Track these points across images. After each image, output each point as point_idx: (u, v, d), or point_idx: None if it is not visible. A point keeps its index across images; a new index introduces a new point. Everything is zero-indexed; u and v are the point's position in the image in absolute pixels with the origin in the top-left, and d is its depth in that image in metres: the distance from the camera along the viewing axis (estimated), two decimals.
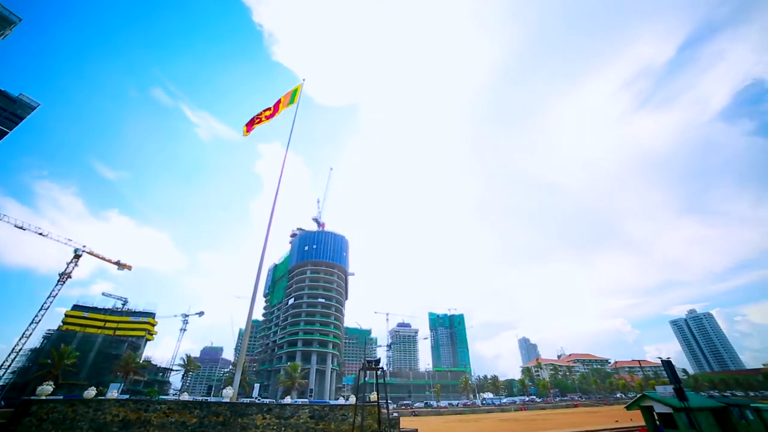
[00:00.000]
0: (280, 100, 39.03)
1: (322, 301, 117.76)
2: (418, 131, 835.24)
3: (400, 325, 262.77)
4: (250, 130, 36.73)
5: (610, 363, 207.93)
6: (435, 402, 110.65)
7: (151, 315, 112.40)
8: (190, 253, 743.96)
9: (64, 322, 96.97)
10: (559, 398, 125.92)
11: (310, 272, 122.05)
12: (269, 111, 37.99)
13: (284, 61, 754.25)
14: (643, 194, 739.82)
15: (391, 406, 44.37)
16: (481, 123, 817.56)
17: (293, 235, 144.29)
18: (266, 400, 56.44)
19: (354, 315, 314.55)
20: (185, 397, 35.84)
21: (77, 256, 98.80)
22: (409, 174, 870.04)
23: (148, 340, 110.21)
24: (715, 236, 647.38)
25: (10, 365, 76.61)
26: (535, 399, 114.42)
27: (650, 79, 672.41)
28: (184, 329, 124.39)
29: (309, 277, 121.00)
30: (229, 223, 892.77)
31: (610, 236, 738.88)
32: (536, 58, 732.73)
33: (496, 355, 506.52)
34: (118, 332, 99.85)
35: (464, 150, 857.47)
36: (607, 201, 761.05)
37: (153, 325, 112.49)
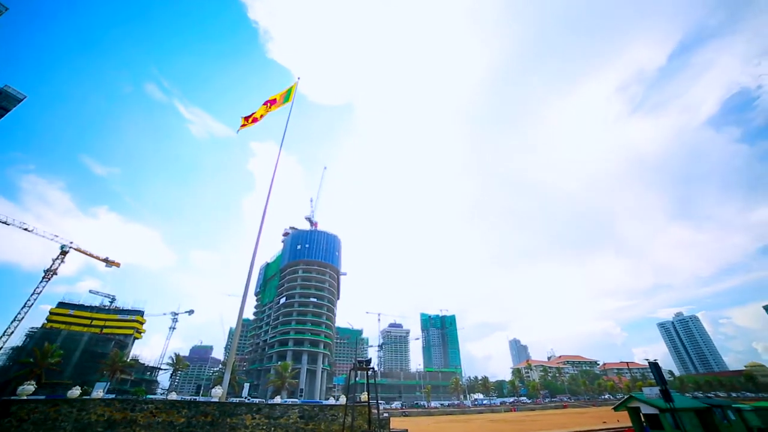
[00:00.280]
0: (275, 99, 38.72)
1: (314, 300, 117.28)
2: (413, 131, 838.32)
3: (392, 325, 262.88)
4: (244, 127, 36.36)
5: (599, 365, 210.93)
6: (425, 402, 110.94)
7: (140, 313, 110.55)
8: (181, 251, 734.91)
9: (49, 320, 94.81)
10: (548, 399, 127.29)
11: (302, 271, 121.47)
12: (263, 110, 37.68)
13: (279, 59, 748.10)
14: (636, 197, 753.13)
15: (381, 407, 44.34)
16: (475, 124, 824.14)
17: (285, 234, 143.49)
18: (256, 400, 55.91)
19: (346, 315, 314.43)
20: (173, 396, 35.30)
21: (64, 253, 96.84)
22: (404, 174, 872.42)
23: (136, 338, 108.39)
24: (703, 241, 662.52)
25: None
26: (525, 400, 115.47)
27: (643, 84, 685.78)
28: (174, 328, 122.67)
29: (301, 277, 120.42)
30: (221, 220, 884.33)
31: (603, 239, 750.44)
32: (533, 60, 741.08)
33: (486, 356, 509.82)
34: (105, 330, 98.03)
35: (459, 150, 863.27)
36: (601, 203, 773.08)
37: (141, 324, 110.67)
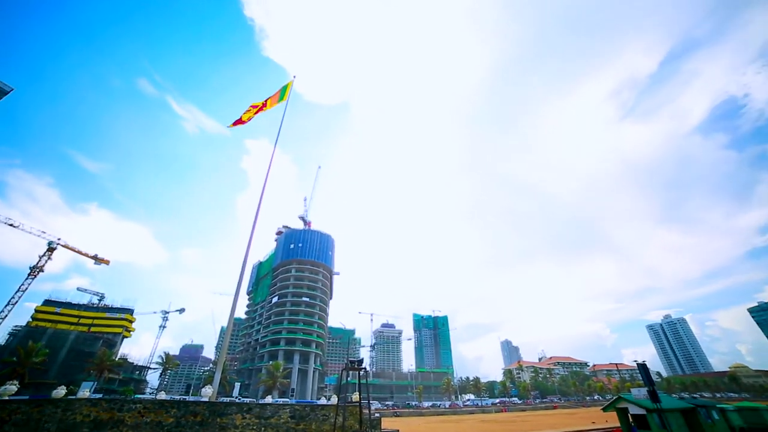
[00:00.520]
0: (269, 99, 38.46)
1: (307, 300, 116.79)
2: (409, 130, 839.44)
3: (384, 325, 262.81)
4: (236, 124, 36.04)
5: (588, 366, 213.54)
6: (417, 402, 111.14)
7: (129, 311, 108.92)
8: (173, 249, 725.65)
9: (34, 318, 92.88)
10: (539, 400, 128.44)
11: (295, 271, 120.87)
12: (257, 107, 37.42)
13: (275, 57, 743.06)
14: (627, 201, 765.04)
15: (373, 407, 44.31)
16: (469, 125, 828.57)
17: (279, 233, 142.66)
18: (246, 400, 55.47)
19: (338, 315, 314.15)
20: (162, 396, 34.88)
21: (51, 249, 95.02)
22: (399, 175, 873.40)
23: (125, 337, 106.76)
24: (691, 244, 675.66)
25: None
26: (516, 401, 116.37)
27: (635, 90, 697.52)
28: (164, 326, 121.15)
29: (294, 276, 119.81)
30: (214, 219, 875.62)
31: (595, 241, 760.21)
32: (530, 62, 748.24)
33: (478, 356, 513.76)
34: (93, 329, 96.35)
35: (455, 152, 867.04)
36: (593, 206, 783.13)
37: (131, 322, 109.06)
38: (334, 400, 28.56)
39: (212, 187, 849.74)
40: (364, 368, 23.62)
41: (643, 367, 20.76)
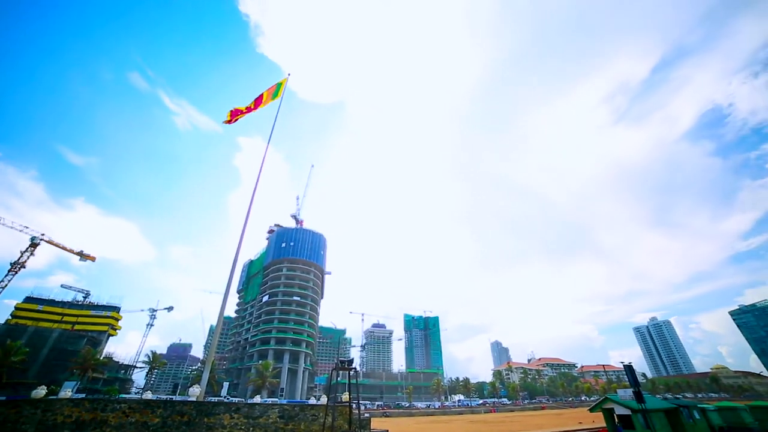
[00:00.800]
0: (263, 95, 38.10)
1: (297, 299, 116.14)
2: (403, 132, 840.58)
3: (375, 325, 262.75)
4: (232, 122, 35.61)
5: (577, 367, 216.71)
6: (406, 402, 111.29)
7: (116, 309, 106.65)
8: (161, 246, 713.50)
9: (14, 316, 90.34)
10: (527, 401, 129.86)
11: (286, 269, 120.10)
12: (251, 104, 37.03)
13: (269, 54, 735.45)
14: (618, 205, 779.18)
15: (363, 407, 44.26)
16: (464, 127, 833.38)
17: (270, 232, 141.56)
18: (235, 400, 54.89)
19: (329, 314, 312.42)
20: (148, 395, 34.25)
21: (34, 245, 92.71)
22: (392, 175, 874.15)
23: (110, 335, 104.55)
24: (677, 249, 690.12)
25: None
26: (505, 401, 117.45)
27: (627, 95, 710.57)
28: (151, 324, 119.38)
29: (285, 275, 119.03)
30: (204, 216, 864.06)
31: (586, 244, 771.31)
32: (525, 65, 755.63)
33: (468, 357, 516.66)
34: (77, 327, 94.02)
35: (448, 154, 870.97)
36: (585, 210, 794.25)
37: (117, 320, 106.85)
38: (324, 400, 28.44)
39: (203, 184, 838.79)
40: (354, 368, 23.58)
41: (629, 369, 21.14)
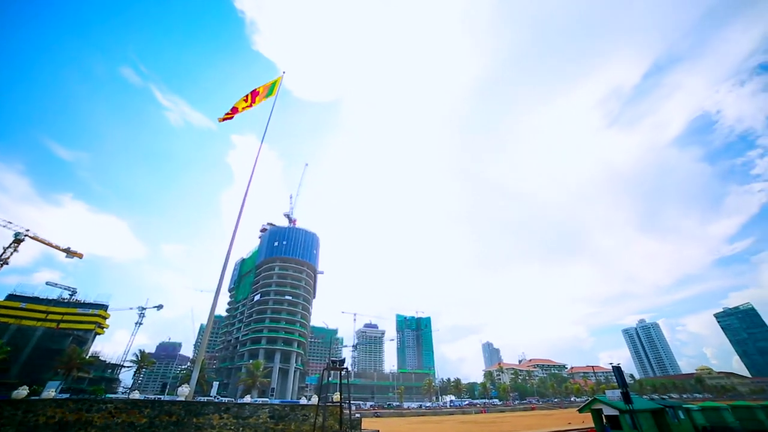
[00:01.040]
0: (257, 92, 37.76)
1: (289, 298, 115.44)
2: (398, 132, 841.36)
3: (367, 325, 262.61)
4: (224, 119, 35.21)
5: (567, 368, 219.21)
6: (397, 403, 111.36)
7: (103, 307, 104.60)
8: (152, 243, 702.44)
9: None
10: (517, 401, 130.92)
11: (279, 268, 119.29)
12: (246, 101, 36.67)
13: (264, 51, 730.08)
14: (609, 208, 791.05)
15: (353, 407, 44.10)
16: (459, 128, 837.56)
17: (263, 230, 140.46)
18: (225, 399, 54.26)
19: (321, 314, 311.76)
20: (136, 395, 33.68)
21: (18, 241, 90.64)
22: (386, 176, 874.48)
23: (98, 334, 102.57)
24: (665, 252, 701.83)
25: None
26: (496, 402, 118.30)
27: (620, 100, 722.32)
28: (140, 323, 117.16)
29: (277, 274, 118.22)
30: (196, 213, 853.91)
31: (577, 247, 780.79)
32: (521, 68, 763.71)
33: (460, 358, 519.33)
34: (63, 325, 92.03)
35: (443, 155, 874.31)
36: (578, 213, 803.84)
37: (105, 318, 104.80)
38: (315, 400, 28.28)
39: (196, 182, 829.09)
40: (346, 368, 23.51)
41: (617, 370, 21.43)
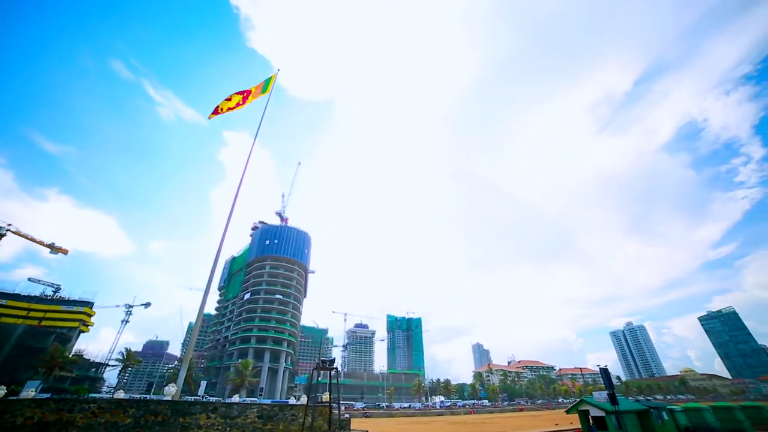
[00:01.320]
0: (251, 91, 37.41)
1: (280, 297, 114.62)
2: (392, 133, 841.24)
3: (358, 325, 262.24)
4: (216, 114, 34.78)
5: (555, 370, 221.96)
6: (387, 403, 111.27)
7: (89, 304, 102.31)
8: (140, 240, 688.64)
9: None
10: (506, 402, 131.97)
11: (270, 267, 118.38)
12: (239, 98, 36.28)
13: (259, 48, 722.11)
14: (600, 212, 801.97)
15: (343, 407, 43.93)
16: (453, 130, 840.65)
17: (254, 228, 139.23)
18: (212, 399, 53.54)
19: (312, 313, 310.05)
20: (120, 394, 33.04)
21: None
22: (379, 176, 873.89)
23: (82, 331, 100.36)
24: (653, 256, 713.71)
25: None
26: (485, 403, 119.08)
27: (611, 106, 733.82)
28: (127, 321, 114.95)
29: (268, 272, 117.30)
30: (186, 210, 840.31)
31: (568, 250, 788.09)
32: (516, 72, 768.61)
33: (450, 359, 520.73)
34: (45, 323, 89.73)
35: (436, 157, 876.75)
36: (568, 215, 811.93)
37: (90, 316, 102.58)
38: (304, 400, 28.09)
39: (187, 178, 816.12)
40: (336, 368, 23.41)
41: (604, 372, 21.79)
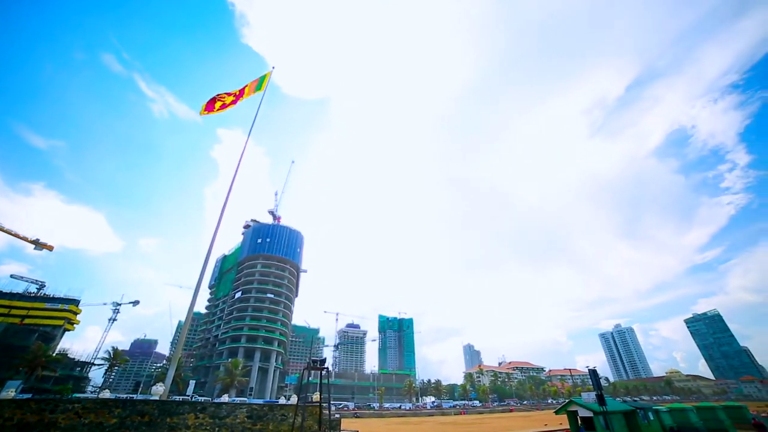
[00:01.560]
0: (245, 88, 37.06)
1: (271, 296, 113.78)
2: (387, 133, 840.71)
3: (349, 325, 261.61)
4: (209, 111, 34.32)
5: (545, 371, 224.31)
6: (377, 404, 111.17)
7: (74, 302, 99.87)
8: (129, 237, 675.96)
9: None
10: (496, 403, 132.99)
11: (261, 266, 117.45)
12: (232, 96, 35.90)
13: (254, 45, 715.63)
14: (591, 215, 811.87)
15: (333, 407, 43.77)
16: (447, 131, 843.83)
17: (246, 227, 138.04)
18: (201, 398, 52.84)
19: (303, 313, 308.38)
20: (106, 394, 32.48)
21: None
22: (373, 176, 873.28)
23: (67, 330, 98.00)
24: (642, 259, 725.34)
25: None
26: (475, 403, 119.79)
27: (603, 110, 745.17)
28: (114, 319, 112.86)
29: (259, 271, 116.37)
30: (177, 207, 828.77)
31: (559, 252, 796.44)
32: (510, 75, 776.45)
33: (441, 359, 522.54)
34: (28, 321, 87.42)
35: (430, 157, 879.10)
36: (559, 218, 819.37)
37: (75, 314, 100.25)
38: (294, 400, 27.90)
39: (179, 175, 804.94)
40: (327, 368, 23.28)
41: (593, 373, 22.08)
